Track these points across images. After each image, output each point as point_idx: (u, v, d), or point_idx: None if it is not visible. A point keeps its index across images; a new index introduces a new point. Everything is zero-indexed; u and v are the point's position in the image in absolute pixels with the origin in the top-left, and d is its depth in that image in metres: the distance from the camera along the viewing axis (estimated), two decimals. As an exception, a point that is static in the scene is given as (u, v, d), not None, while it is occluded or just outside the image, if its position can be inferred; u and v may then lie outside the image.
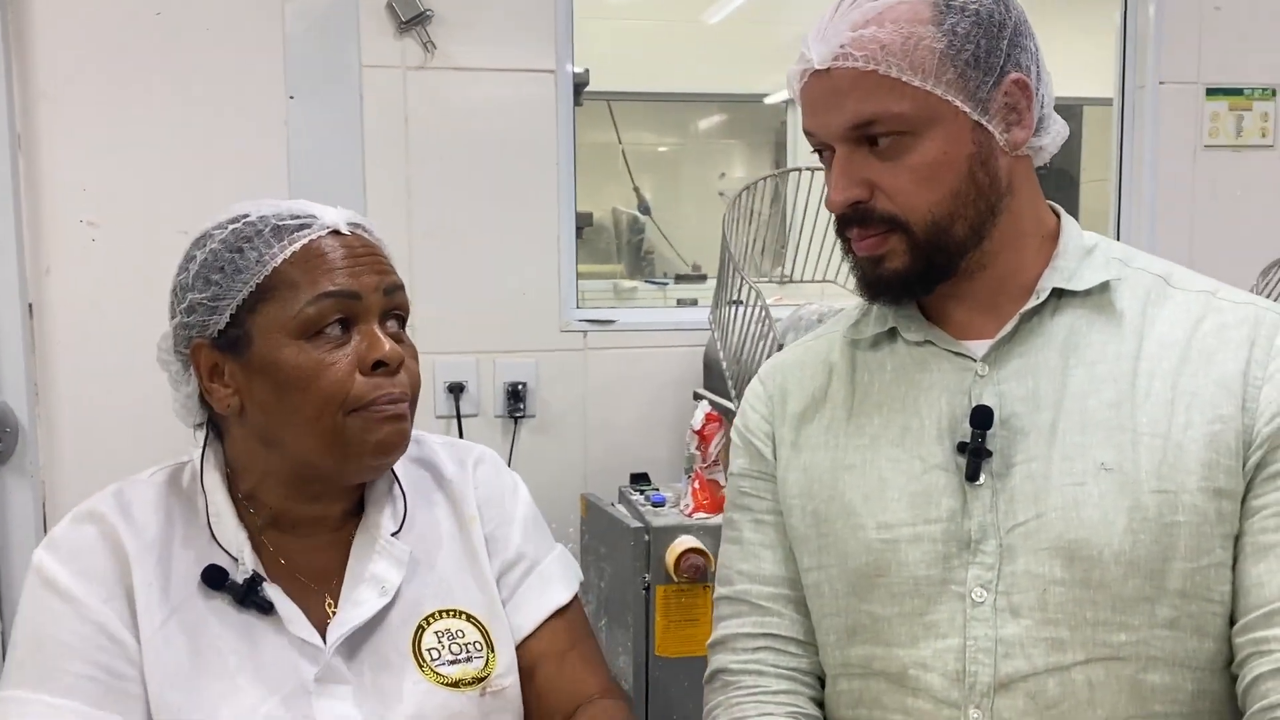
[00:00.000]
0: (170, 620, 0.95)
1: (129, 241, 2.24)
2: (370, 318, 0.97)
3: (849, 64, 0.92)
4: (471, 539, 1.07)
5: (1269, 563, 0.89)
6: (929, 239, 0.94)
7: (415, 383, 1.01)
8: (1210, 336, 0.94)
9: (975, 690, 0.93)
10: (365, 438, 0.96)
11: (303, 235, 0.97)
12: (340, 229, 0.98)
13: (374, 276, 0.98)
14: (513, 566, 1.09)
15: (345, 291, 0.96)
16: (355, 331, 0.97)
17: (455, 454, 1.12)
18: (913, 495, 0.97)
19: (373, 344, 0.96)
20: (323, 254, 0.96)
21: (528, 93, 2.40)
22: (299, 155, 2.30)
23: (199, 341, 0.98)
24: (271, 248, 0.96)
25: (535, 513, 1.14)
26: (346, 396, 0.95)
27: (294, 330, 0.95)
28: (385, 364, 0.96)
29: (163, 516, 0.99)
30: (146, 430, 1.81)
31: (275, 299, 0.95)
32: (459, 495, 1.09)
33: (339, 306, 0.96)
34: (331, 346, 0.95)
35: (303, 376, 0.95)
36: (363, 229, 1.01)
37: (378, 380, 0.96)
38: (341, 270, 0.96)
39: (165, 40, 2.25)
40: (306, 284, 0.95)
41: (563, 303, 2.46)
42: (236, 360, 0.97)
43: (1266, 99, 2.71)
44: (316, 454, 0.97)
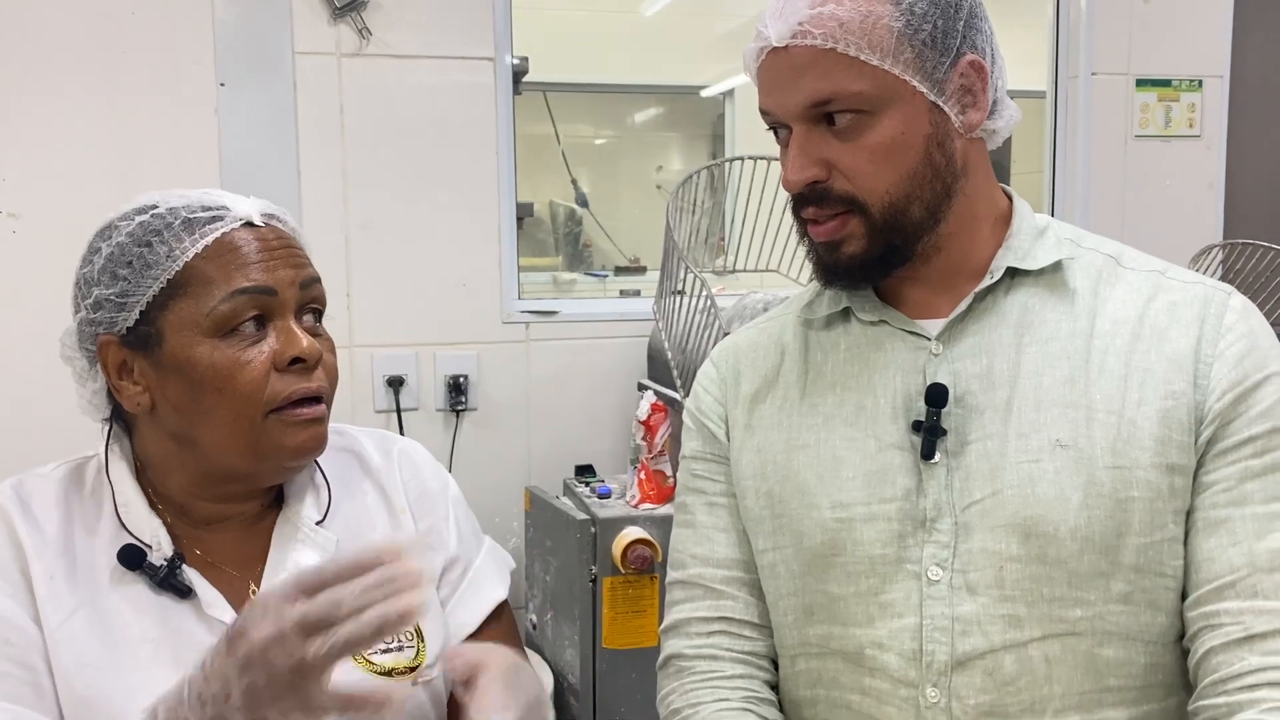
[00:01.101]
0: (78, 613, 0.92)
1: (52, 234, 2.17)
2: (286, 313, 0.95)
3: (807, 41, 0.91)
4: (402, 530, 1.06)
5: (1220, 537, 0.90)
6: (886, 220, 0.94)
7: (333, 377, 0.99)
8: (1161, 314, 0.95)
9: (932, 669, 0.93)
10: (283, 441, 0.94)
11: (215, 228, 0.93)
12: (254, 220, 0.95)
13: (290, 270, 0.95)
14: (452, 566, 1.08)
15: (261, 287, 0.93)
16: (271, 327, 0.94)
17: (380, 444, 1.11)
18: (868, 474, 0.97)
19: (290, 340, 0.94)
20: (236, 248, 0.93)
21: (466, 81, 2.37)
22: (231, 144, 2.25)
23: (106, 338, 0.95)
24: (182, 241, 0.92)
25: (466, 507, 1.13)
26: (263, 396, 0.92)
27: (208, 328, 0.92)
28: (303, 360, 0.94)
29: (63, 511, 0.96)
30: (67, 424, 1.74)
31: (187, 295, 0.92)
32: (387, 485, 1.07)
33: (254, 303, 0.93)
34: (247, 344, 0.93)
35: (218, 375, 0.92)
36: (277, 219, 0.98)
37: (294, 377, 0.94)
38: (256, 265, 0.93)
39: (89, 25, 2.18)
40: (220, 280, 0.92)
41: (504, 294, 2.44)
42: (147, 358, 0.94)
43: (1194, 90, 2.78)
44: (232, 455, 0.94)
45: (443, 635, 1.04)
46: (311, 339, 0.95)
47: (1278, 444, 0.91)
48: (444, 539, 1.08)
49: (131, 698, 0.90)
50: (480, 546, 1.12)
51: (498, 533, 2.44)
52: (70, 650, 0.91)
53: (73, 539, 0.96)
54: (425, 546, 0.93)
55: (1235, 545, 0.90)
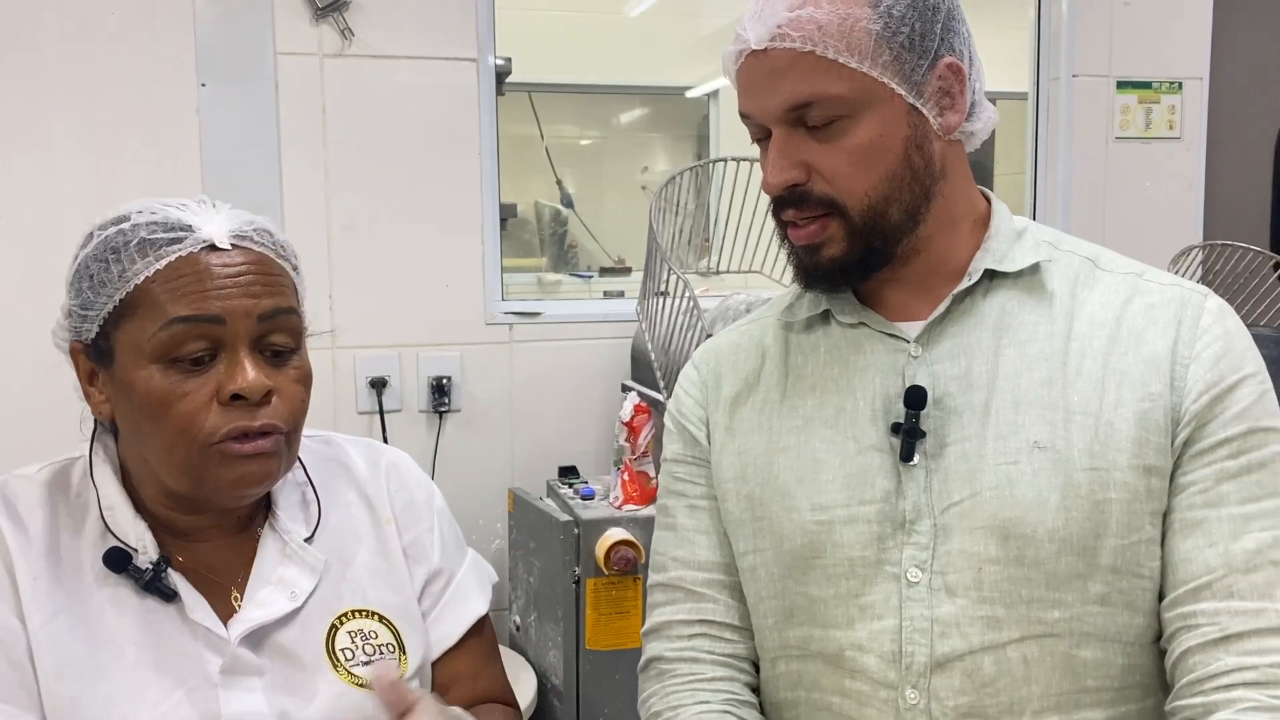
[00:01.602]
0: (60, 615, 0.92)
1: (33, 234, 2.16)
2: (238, 344, 0.91)
3: (786, 44, 0.91)
4: (387, 541, 1.05)
5: (1196, 539, 0.91)
6: (865, 222, 0.94)
7: (296, 410, 0.95)
8: (1139, 316, 0.96)
9: (912, 670, 0.93)
10: (221, 473, 0.91)
11: (171, 251, 0.90)
12: (218, 243, 0.91)
13: (246, 300, 0.91)
14: (435, 578, 1.08)
15: (205, 316, 0.89)
16: (221, 358, 0.91)
17: (368, 455, 1.10)
18: (847, 476, 0.97)
19: (232, 374, 0.90)
20: (187, 274, 0.90)
21: (449, 81, 2.37)
22: (212, 145, 2.24)
23: (75, 344, 0.95)
24: (135, 263, 0.90)
25: (451, 519, 1.12)
26: (204, 430, 0.90)
27: (150, 353, 0.89)
28: (243, 398, 0.90)
29: (48, 511, 0.96)
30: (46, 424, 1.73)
31: (136, 317, 0.90)
32: (373, 496, 1.07)
33: (198, 332, 0.89)
34: (188, 375, 0.90)
35: (154, 403, 0.89)
36: (251, 240, 0.93)
37: (236, 413, 0.90)
38: (206, 293, 0.89)
39: (70, 24, 2.17)
40: (166, 305, 0.89)
41: (487, 295, 2.44)
42: (105, 372, 0.93)
43: (1174, 92, 2.80)
44: (174, 481, 0.93)
45: (424, 647, 1.04)
46: (260, 374, 0.91)
47: (1254, 445, 0.91)
48: (427, 551, 1.08)
49: (113, 701, 0.90)
50: (463, 559, 1.11)
51: (481, 534, 2.43)
52: (52, 652, 0.91)
53: (58, 541, 0.95)
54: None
55: (1212, 546, 0.90)
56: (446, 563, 1.09)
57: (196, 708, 0.91)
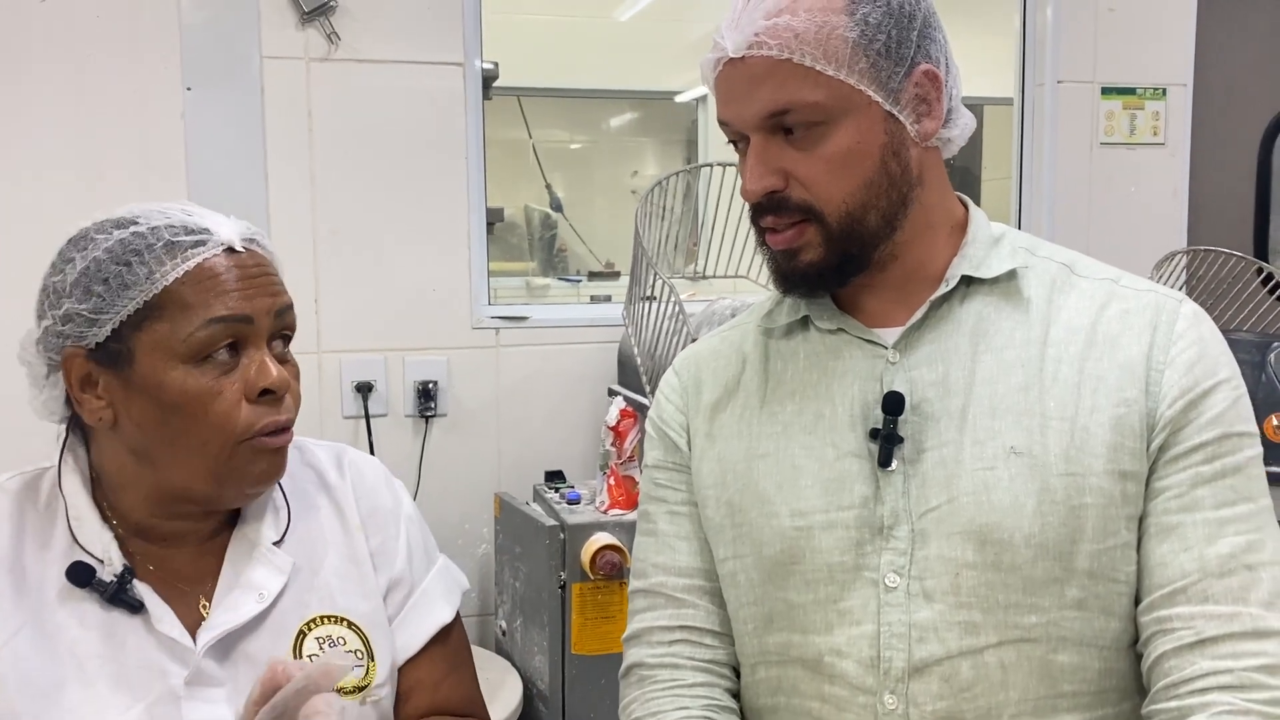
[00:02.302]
0: (23, 630, 0.92)
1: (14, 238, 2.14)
2: (260, 341, 0.95)
3: (763, 52, 0.92)
4: (355, 547, 1.05)
5: (1172, 543, 0.91)
6: (843, 229, 0.95)
7: (298, 403, 0.99)
8: (1114, 322, 0.96)
9: (890, 675, 0.94)
10: (248, 468, 0.94)
11: (197, 253, 0.92)
12: (235, 245, 0.94)
13: (267, 299, 0.95)
14: (397, 586, 1.07)
15: (238, 316, 0.93)
16: (244, 355, 0.94)
17: (336, 461, 1.10)
18: (826, 482, 0.98)
19: (262, 371, 0.94)
20: (217, 274, 0.92)
21: (435, 86, 2.37)
22: (197, 149, 2.24)
23: (72, 350, 0.93)
24: (163, 264, 0.91)
25: (421, 525, 1.12)
26: (235, 426, 0.92)
27: (183, 354, 0.91)
28: (273, 392, 0.94)
29: (15, 524, 0.95)
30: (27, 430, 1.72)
31: (164, 319, 0.91)
32: (342, 502, 1.07)
33: (230, 331, 0.93)
34: (220, 372, 0.93)
35: (190, 403, 0.91)
36: (256, 243, 0.97)
37: (264, 408, 0.94)
38: (235, 293, 0.93)
39: (54, 27, 2.16)
40: (199, 306, 0.91)
41: (474, 299, 2.44)
42: (115, 375, 0.93)
43: (1158, 98, 2.82)
44: (196, 479, 0.94)
45: (392, 655, 1.03)
46: (281, 369, 0.95)
47: (1228, 450, 0.92)
48: (392, 558, 1.07)
49: (75, 715, 0.90)
50: (430, 566, 1.11)
51: (467, 539, 2.43)
52: (13, 669, 0.90)
53: (22, 554, 0.95)
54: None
55: (1186, 551, 0.91)
56: (412, 571, 1.08)
57: None
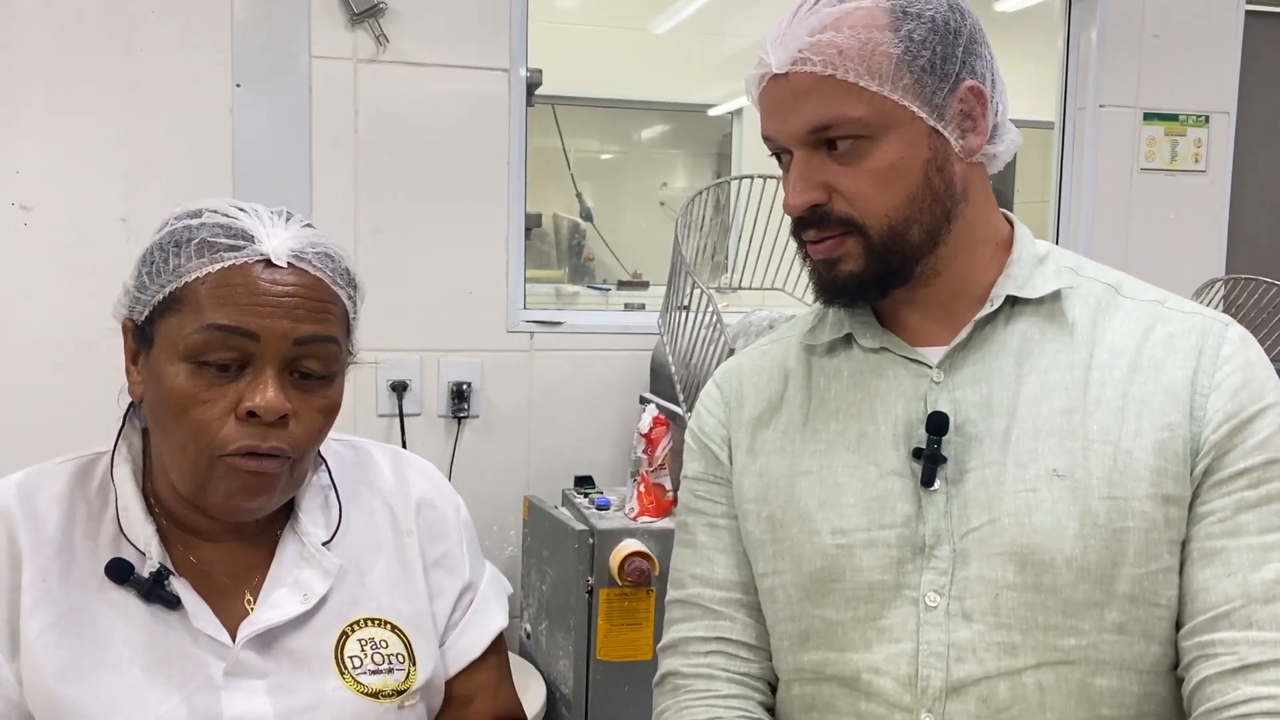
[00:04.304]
0: (66, 615, 0.92)
1: (63, 227, 2.18)
2: (267, 362, 0.90)
3: (807, 68, 0.92)
4: (406, 551, 1.05)
5: (1215, 568, 0.91)
6: (885, 243, 0.95)
7: (311, 438, 0.94)
8: (1159, 346, 0.96)
9: (927, 694, 0.94)
10: (221, 484, 0.91)
11: (228, 258, 0.91)
12: (274, 260, 0.91)
13: (286, 322, 0.90)
14: (465, 592, 1.08)
15: (240, 329, 0.89)
16: (249, 371, 0.91)
17: (394, 463, 1.10)
18: (868, 501, 0.98)
19: (253, 390, 0.90)
20: (235, 284, 0.90)
21: (480, 90, 2.39)
22: (244, 146, 2.26)
23: (126, 321, 0.96)
24: (191, 261, 0.91)
25: (474, 532, 1.13)
26: (216, 441, 0.90)
27: (182, 351, 0.90)
28: (258, 416, 0.90)
29: (66, 508, 0.96)
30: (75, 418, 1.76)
31: (179, 313, 0.91)
32: (396, 506, 1.07)
33: (231, 343, 0.90)
34: (214, 382, 0.90)
35: (175, 401, 0.90)
36: (309, 262, 0.93)
37: (249, 429, 0.90)
38: (248, 306, 0.90)
39: (108, 21, 2.20)
40: (207, 309, 0.90)
41: (510, 303, 2.45)
42: (146, 355, 0.94)
43: (1200, 125, 2.80)
44: (180, 480, 0.93)
45: (434, 660, 1.03)
46: (280, 396, 0.90)
47: (1273, 475, 0.92)
48: (459, 564, 1.08)
49: (113, 703, 0.91)
50: (484, 571, 1.12)
51: (495, 541, 2.44)
52: (55, 654, 0.91)
53: (72, 538, 0.95)
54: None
55: (1230, 576, 0.90)
56: (474, 576, 1.09)
57: (195, 711, 0.92)
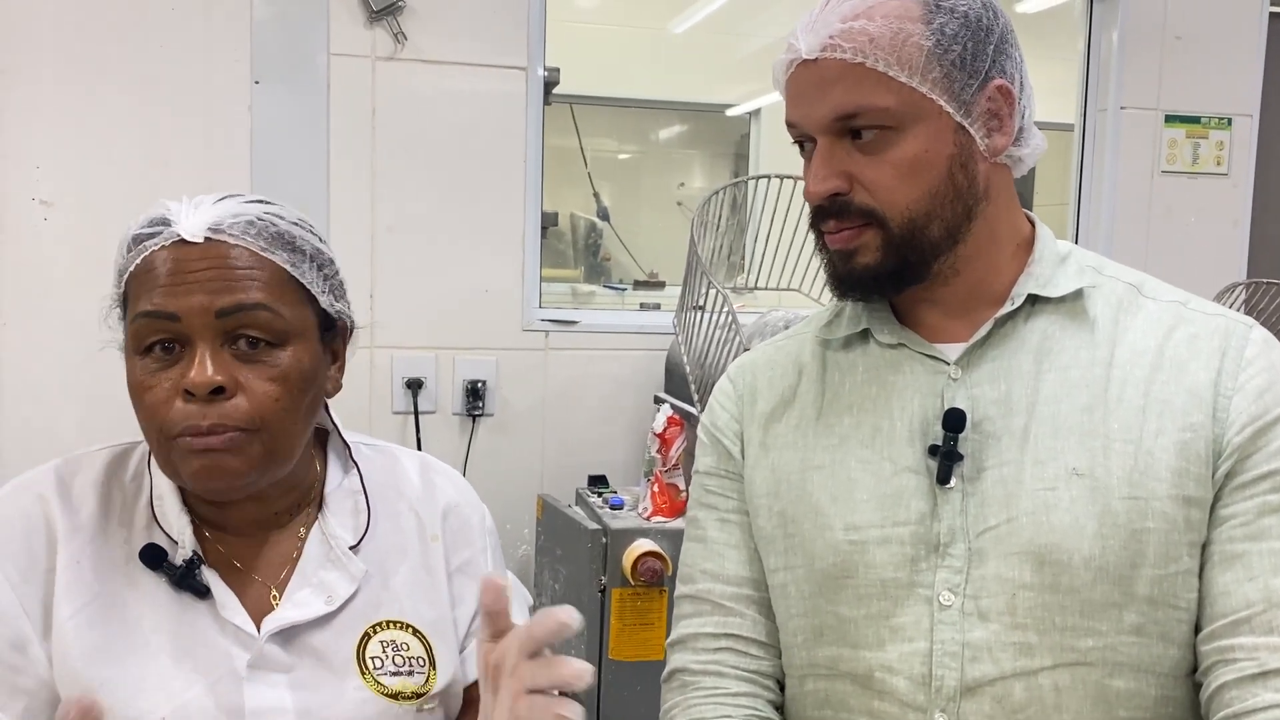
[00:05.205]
0: (98, 599, 0.94)
1: (83, 223, 2.20)
2: (196, 340, 0.90)
3: (837, 55, 0.92)
4: (430, 557, 1.05)
5: (1236, 572, 0.90)
6: (904, 236, 0.95)
7: (266, 408, 0.92)
8: (1182, 346, 0.95)
9: (941, 694, 0.93)
10: (183, 467, 0.91)
11: (147, 246, 0.92)
12: (189, 238, 0.91)
13: (204, 296, 0.90)
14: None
15: (159, 313, 0.90)
16: (186, 352, 0.91)
17: (422, 469, 1.10)
18: (882, 497, 0.97)
19: (185, 369, 0.90)
20: (153, 269, 0.91)
21: (497, 89, 2.39)
22: (262, 142, 2.27)
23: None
24: (124, 257, 0.93)
25: (497, 538, 1.13)
26: (164, 421, 0.90)
27: (130, 345, 0.92)
28: (191, 393, 0.89)
29: (102, 494, 0.97)
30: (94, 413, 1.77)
31: (127, 311, 0.93)
32: (423, 511, 1.07)
33: (157, 327, 0.90)
34: (158, 367, 0.91)
35: (132, 391, 0.92)
36: (226, 234, 0.92)
37: (192, 409, 0.90)
38: (164, 289, 0.90)
39: (128, 18, 2.21)
40: (138, 299, 0.92)
41: (525, 302, 2.45)
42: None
43: (1223, 128, 2.78)
44: (162, 467, 0.94)
45: (453, 665, 1.03)
46: (212, 370, 0.89)
47: None
48: (482, 571, 1.07)
49: (140, 687, 0.92)
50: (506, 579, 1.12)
51: (509, 539, 2.44)
52: (83, 636, 0.92)
53: (107, 524, 0.97)
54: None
55: (1252, 580, 0.89)
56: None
57: (218, 699, 0.93)
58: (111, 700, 0.91)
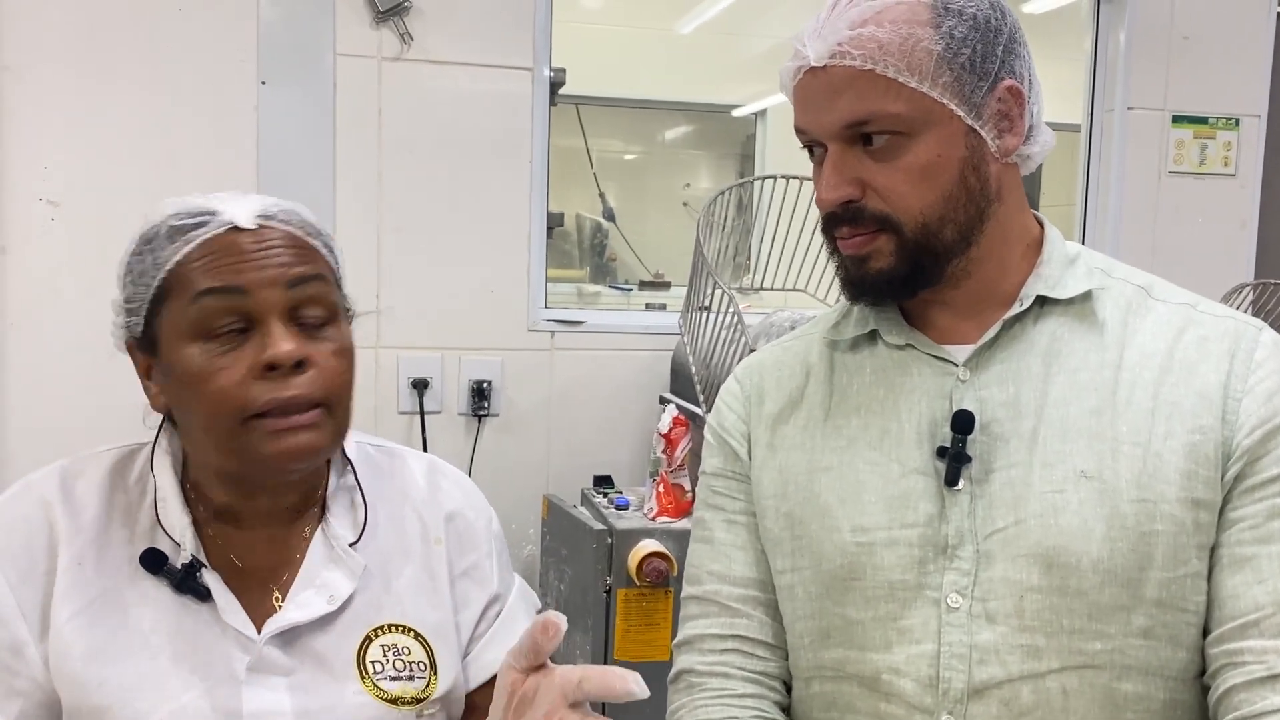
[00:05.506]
0: (98, 600, 0.94)
1: (90, 223, 2.20)
2: (268, 315, 0.91)
3: (846, 62, 0.92)
4: (433, 561, 1.05)
5: (1245, 575, 0.90)
6: (918, 241, 0.94)
7: (334, 382, 0.94)
8: (1191, 348, 0.95)
9: (949, 696, 0.93)
10: (262, 448, 0.91)
11: (198, 234, 0.92)
12: (241, 224, 0.93)
13: (272, 270, 0.92)
14: (492, 604, 1.08)
15: (228, 288, 0.91)
16: (255, 331, 0.92)
17: (428, 472, 1.10)
18: (890, 499, 0.97)
19: (264, 344, 0.90)
20: (213, 251, 0.92)
21: (504, 89, 2.39)
22: (269, 142, 2.27)
23: (129, 342, 0.97)
24: (166, 249, 0.93)
25: (503, 542, 1.13)
26: (241, 402, 0.90)
27: (188, 332, 0.91)
28: (276, 367, 0.90)
29: (105, 496, 0.98)
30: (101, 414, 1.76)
31: (173, 300, 0.92)
32: (426, 514, 1.07)
33: (225, 305, 0.91)
34: (225, 349, 0.91)
35: (195, 380, 0.91)
36: (277, 220, 0.95)
37: (275, 384, 0.90)
38: (229, 267, 0.91)
39: (136, 18, 2.21)
40: (197, 283, 0.91)
41: (531, 302, 2.45)
42: (155, 362, 0.95)
43: (1230, 129, 2.77)
44: (217, 459, 0.94)
45: (455, 670, 1.03)
46: (293, 343, 0.91)
47: None
48: (487, 576, 1.08)
49: (138, 688, 0.92)
50: (513, 584, 1.12)
51: (514, 540, 2.44)
52: (84, 635, 0.93)
53: (109, 526, 0.97)
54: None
55: (1261, 583, 0.89)
56: (502, 588, 1.09)
57: (216, 702, 0.93)
58: (109, 701, 0.91)
